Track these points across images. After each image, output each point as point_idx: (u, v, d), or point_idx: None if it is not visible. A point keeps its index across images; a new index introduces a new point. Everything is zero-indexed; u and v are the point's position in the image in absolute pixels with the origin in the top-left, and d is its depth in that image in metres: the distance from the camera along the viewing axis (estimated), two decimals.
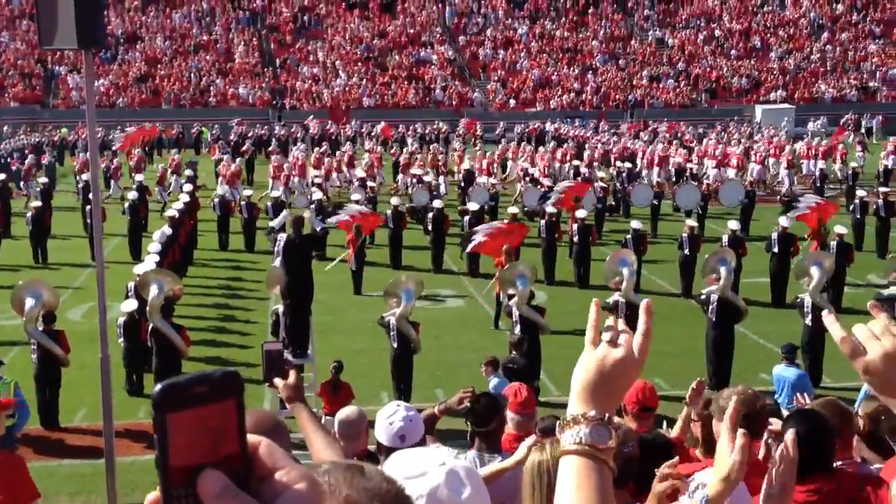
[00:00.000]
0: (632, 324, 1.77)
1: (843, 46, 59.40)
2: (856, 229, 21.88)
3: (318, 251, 20.48)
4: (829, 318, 1.84)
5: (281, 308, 12.23)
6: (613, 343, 1.70)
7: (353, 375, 12.54)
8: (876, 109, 50.90)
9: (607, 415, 1.68)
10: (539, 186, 26.20)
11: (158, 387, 0.98)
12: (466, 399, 5.16)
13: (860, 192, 24.15)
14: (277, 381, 3.82)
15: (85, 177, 25.07)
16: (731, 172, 30.74)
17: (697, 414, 4.68)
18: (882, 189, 23.60)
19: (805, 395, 6.25)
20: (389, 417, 4.53)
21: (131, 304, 13.72)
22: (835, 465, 3.87)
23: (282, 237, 11.87)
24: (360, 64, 56.47)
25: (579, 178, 27.99)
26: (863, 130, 45.65)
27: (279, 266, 11.99)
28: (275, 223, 20.16)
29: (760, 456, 3.06)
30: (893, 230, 21.06)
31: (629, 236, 18.88)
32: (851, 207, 23.37)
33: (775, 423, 4.29)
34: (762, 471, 2.60)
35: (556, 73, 56.36)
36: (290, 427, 3.38)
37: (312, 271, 12.12)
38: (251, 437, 1.01)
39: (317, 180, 26.96)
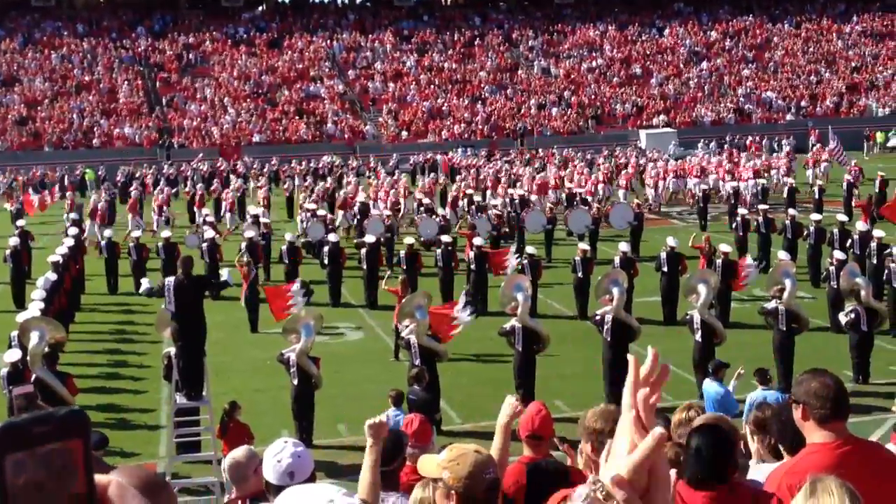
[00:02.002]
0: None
1: (719, 72, 61.94)
2: (738, 246, 22.70)
3: (211, 293, 20.09)
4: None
5: (173, 350, 11.90)
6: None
7: (253, 415, 12.28)
8: (749, 131, 53.04)
9: None
10: (434, 217, 26.33)
11: None
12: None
13: (741, 211, 25.10)
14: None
15: None
16: (620, 194, 31.73)
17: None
18: (761, 206, 24.56)
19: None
20: (277, 455, 4.43)
21: (14, 354, 13.11)
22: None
23: (170, 280, 11.56)
24: (248, 100, 55.95)
25: (473, 207, 28.26)
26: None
27: (170, 308, 11.67)
28: (143, 290, 19.79)
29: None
30: (774, 246, 21.91)
31: (525, 262, 19.12)
32: (734, 225, 24.24)
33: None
34: None
35: (446, 104, 56.99)
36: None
37: (204, 312, 11.83)
38: (101, 478, 0.97)
39: (209, 219, 26.45)
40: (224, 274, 13.28)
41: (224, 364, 16.11)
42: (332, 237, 21.71)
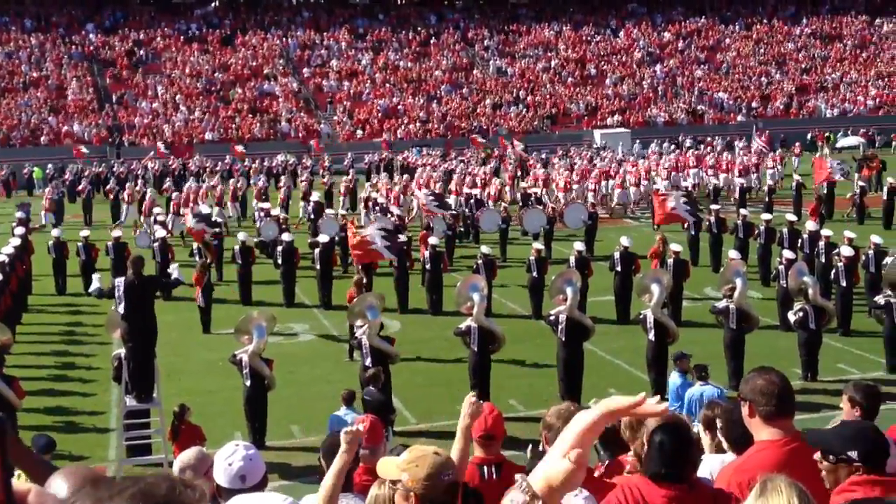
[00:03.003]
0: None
1: (672, 73, 62.62)
2: (691, 246, 22.95)
3: (163, 293, 19.83)
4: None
5: (123, 352, 11.70)
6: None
7: (204, 417, 12.13)
8: (701, 132, 53.67)
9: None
10: (390, 216, 26.23)
11: None
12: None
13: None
14: None
15: None
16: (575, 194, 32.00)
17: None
18: (713, 207, 24.84)
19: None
20: (228, 458, 4.35)
21: None
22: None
23: (120, 280, 11.36)
24: (201, 98, 55.34)
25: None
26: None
27: (120, 309, 11.47)
28: (92, 290, 19.55)
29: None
30: (725, 245, 22.17)
31: (480, 261, 19.13)
32: (686, 225, 24.48)
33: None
34: None
35: (401, 103, 56.89)
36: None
37: (155, 313, 11.65)
38: (20, 485, 0.92)
39: (160, 218, 26.08)
40: (174, 272, 13.06)
41: (176, 365, 15.91)
42: (285, 237, 21.53)
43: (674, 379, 11.74)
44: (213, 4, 65.95)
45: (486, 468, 5.36)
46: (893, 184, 28.51)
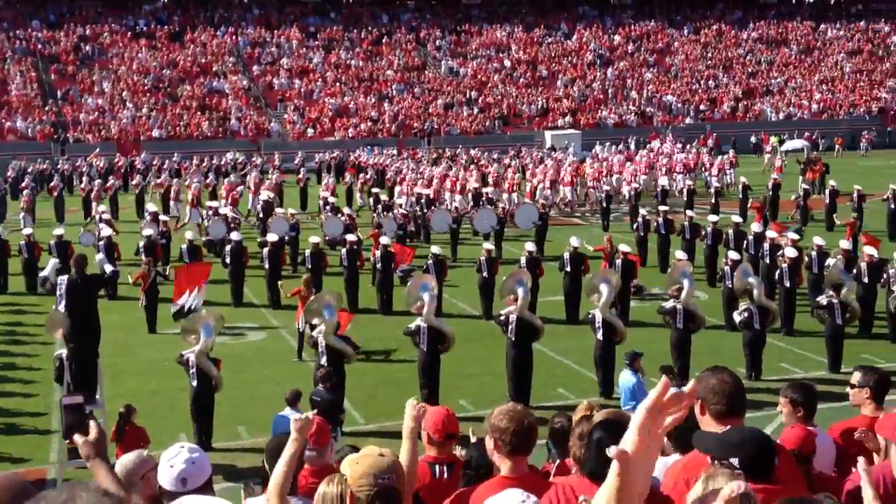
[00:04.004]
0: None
1: (622, 75, 63.23)
2: (639, 246, 23.18)
3: (107, 291, 19.51)
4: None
5: (65, 352, 11.47)
6: None
7: (150, 418, 11.95)
8: (650, 134, 54.26)
9: None
10: (340, 215, 26.11)
11: None
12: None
13: (642, 211, 25.65)
14: (77, 437, 3.67)
15: None
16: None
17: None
18: (662, 207, 25.12)
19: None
20: (171, 460, 4.28)
21: None
22: None
23: (63, 279, 11.12)
24: (148, 94, 54.57)
25: (380, 206, 28.16)
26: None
27: (62, 308, 11.24)
28: (46, 272, 19.24)
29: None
30: (672, 246, 22.43)
31: (431, 261, 19.11)
32: (635, 226, 24.72)
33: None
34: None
35: (353, 102, 56.67)
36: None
37: (98, 312, 11.44)
38: None
39: (104, 216, 25.63)
40: (107, 268, 12.85)
41: (120, 365, 15.66)
42: (234, 236, 21.31)
43: (626, 378, 11.81)
44: (161, 0, 65.06)
45: (437, 467, 5.36)
46: (835, 187, 29.12)
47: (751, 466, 3.47)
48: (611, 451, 2.17)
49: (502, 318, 14.02)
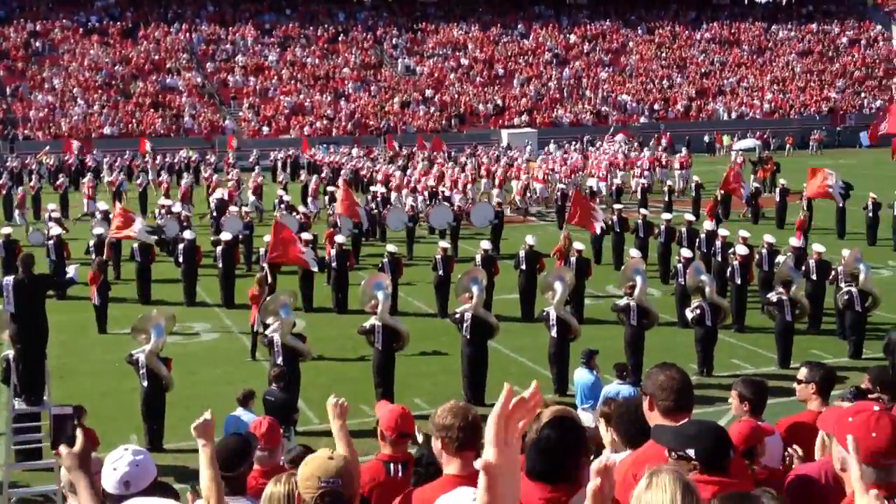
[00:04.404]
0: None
1: (578, 74, 63.61)
2: (594, 245, 23.31)
3: (58, 292, 19.18)
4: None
5: (11, 353, 11.25)
6: None
7: (100, 419, 11.77)
8: (605, 133, 54.60)
9: None
10: (295, 214, 25.93)
11: None
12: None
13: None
14: (62, 448, 3.68)
15: None
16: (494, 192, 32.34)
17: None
18: (616, 206, 25.31)
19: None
20: (114, 463, 4.22)
21: None
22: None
23: (9, 279, 10.91)
24: (100, 91, 53.77)
25: (335, 204, 27.99)
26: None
27: (9, 309, 11.03)
28: None
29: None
30: (627, 244, 22.61)
31: (385, 260, 19.06)
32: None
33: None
34: None
35: (308, 100, 56.33)
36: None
37: (46, 313, 11.24)
38: None
39: (54, 214, 25.20)
40: (70, 271, 12.63)
41: (70, 366, 15.41)
42: (187, 234, 21.06)
43: (581, 376, 11.85)
44: None
45: (392, 465, 5.35)
46: (786, 185, 29.56)
47: (707, 458, 3.49)
48: (477, 463, 2.27)
49: (458, 315, 14.04)
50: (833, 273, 17.32)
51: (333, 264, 19.66)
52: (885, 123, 47.82)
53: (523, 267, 18.96)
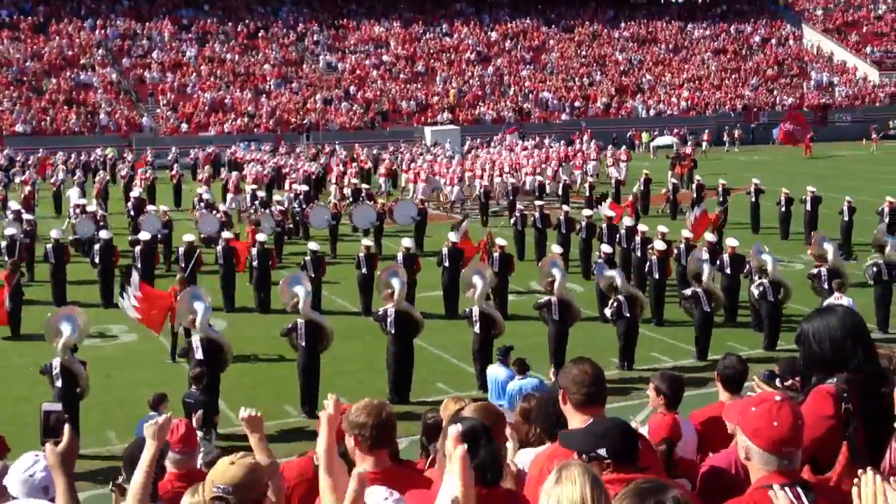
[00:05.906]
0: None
1: (500, 72, 64.04)
2: (516, 241, 23.52)
3: None
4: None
5: None
6: None
7: (15, 425, 11.37)
8: (527, 130, 55.13)
9: None
10: (215, 212, 25.57)
11: None
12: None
13: (519, 206, 26.05)
14: (49, 445, 3.70)
15: None
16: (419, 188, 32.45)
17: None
18: (538, 202, 25.58)
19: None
20: (29, 469, 4.12)
21: None
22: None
23: None
24: (11, 88, 52.14)
25: (257, 203, 27.72)
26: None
27: None
28: None
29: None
30: (550, 240, 22.86)
31: (308, 258, 18.92)
32: (513, 220, 25.09)
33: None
34: None
35: (228, 97, 55.52)
36: None
37: None
38: None
39: None
40: None
41: None
42: (103, 234, 20.57)
43: (497, 373, 11.91)
44: None
45: None
46: (701, 181, 30.26)
47: (618, 455, 3.56)
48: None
49: (381, 313, 14.01)
50: (747, 267, 17.77)
51: (255, 263, 19.44)
52: (787, 124, 49.89)
53: (446, 264, 19.01)
